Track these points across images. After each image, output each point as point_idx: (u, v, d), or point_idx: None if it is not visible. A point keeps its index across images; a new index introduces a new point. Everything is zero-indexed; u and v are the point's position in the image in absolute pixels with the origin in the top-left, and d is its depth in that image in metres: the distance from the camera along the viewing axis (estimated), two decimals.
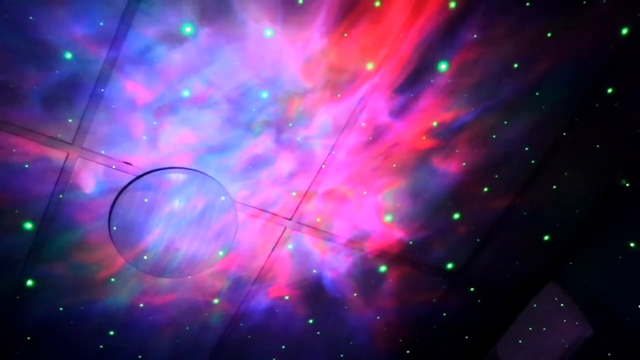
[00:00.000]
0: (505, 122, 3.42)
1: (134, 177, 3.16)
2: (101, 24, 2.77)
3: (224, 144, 3.20)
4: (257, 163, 3.29)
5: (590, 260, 3.77)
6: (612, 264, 3.61)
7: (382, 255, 3.70)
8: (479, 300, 3.97)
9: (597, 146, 3.59)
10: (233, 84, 3.04)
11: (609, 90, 3.44)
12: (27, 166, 3.01)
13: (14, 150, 2.96)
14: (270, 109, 3.15)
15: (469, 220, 3.70)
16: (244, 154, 3.25)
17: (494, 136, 3.45)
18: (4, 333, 3.45)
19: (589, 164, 3.65)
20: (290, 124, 3.21)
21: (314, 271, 3.68)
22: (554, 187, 3.68)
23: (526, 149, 3.54)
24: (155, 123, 3.06)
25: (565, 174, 3.66)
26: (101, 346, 3.62)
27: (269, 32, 2.94)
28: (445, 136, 3.40)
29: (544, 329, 3.65)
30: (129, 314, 3.56)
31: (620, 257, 3.54)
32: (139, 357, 3.73)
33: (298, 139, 3.26)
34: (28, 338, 3.49)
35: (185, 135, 3.13)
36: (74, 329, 3.53)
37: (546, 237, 3.83)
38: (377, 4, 2.97)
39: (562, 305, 3.63)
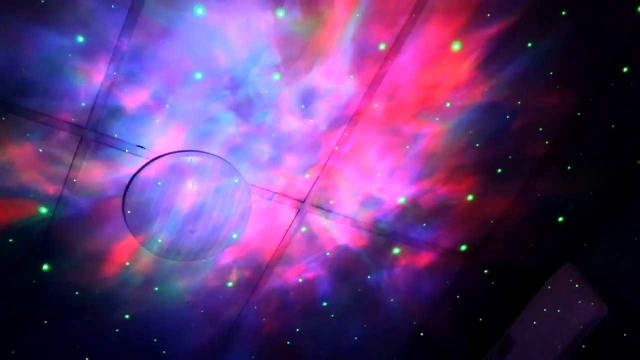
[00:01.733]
0: (519, 103, 3.39)
1: (148, 160, 3.17)
2: (113, 6, 2.77)
3: (237, 129, 3.20)
4: (270, 146, 3.29)
5: (606, 241, 3.74)
6: (627, 244, 3.59)
7: (396, 237, 3.69)
8: (493, 282, 3.96)
9: (612, 126, 3.55)
10: (242, 65, 3.03)
11: (625, 70, 3.40)
12: (41, 150, 3.02)
13: (28, 135, 2.97)
14: (281, 91, 3.14)
15: (483, 202, 3.68)
16: (255, 136, 3.24)
17: (508, 117, 3.42)
18: (21, 317, 3.48)
19: (604, 144, 3.62)
20: (302, 106, 3.20)
21: (328, 254, 3.68)
22: (569, 168, 3.65)
23: (540, 129, 3.51)
24: (168, 106, 3.06)
25: (580, 154, 3.62)
26: (117, 330, 3.64)
27: (281, 14, 2.92)
28: (457, 116, 3.37)
29: (559, 310, 3.64)
30: (144, 297, 3.58)
31: (636, 238, 3.52)
32: (155, 340, 3.75)
33: (310, 120, 3.25)
34: (45, 322, 3.52)
35: (198, 118, 3.13)
36: (90, 313, 3.55)
37: (561, 219, 3.80)
38: None
39: (577, 286, 3.61)
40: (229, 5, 2.86)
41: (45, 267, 3.35)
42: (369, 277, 3.80)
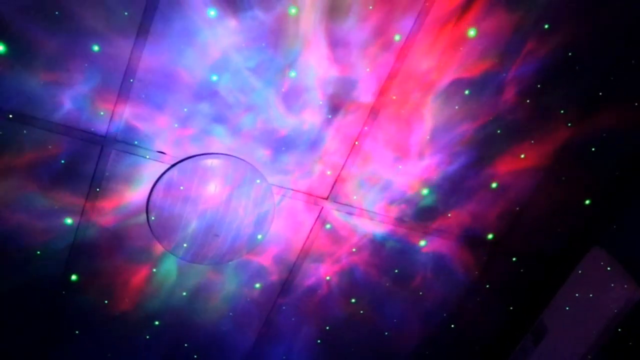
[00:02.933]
0: (539, 86, 3.34)
1: (169, 165, 3.17)
2: (126, 13, 2.77)
3: (257, 128, 3.19)
4: (290, 144, 3.27)
5: (634, 222, 3.68)
6: None
7: (421, 229, 3.66)
8: (521, 270, 3.91)
9: (635, 104, 3.49)
10: (260, 64, 3.02)
11: None
12: (63, 162, 3.03)
13: (50, 147, 2.98)
14: (298, 89, 3.12)
15: (507, 189, 3.64)
16: (276, 135, 3.23)
17: (528, 100, 3.37)
18: (52, 327, 3.51)
19: (627, 123, 3.55)
20: (320, 102, 3.18)
21: (354, 249, 3.65)
22: (592, 149, 3.60)
23: (561, 111, 3.46)
24: (186, 110, 3.05)
25: (604, 135, 3.56)
26: (147, 336, 3.66)
27: (293, 10, 2.90)
28: (479, 103, 3.34)
29: (591, 294, 3.58)
30: (172, 302, 3.58)
31: None
32: (185, 345, 3.76)
33: (329, 116, 3.23)
34: (76, 332, 3.54)
35: (216, 119, 3.12)
36: (120, 320, 3.57)
37: (587, 201, 3.74)
38: None
39: (608, 269, 3.55)
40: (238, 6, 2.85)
41: (74, 277, 3.36)
42: (396, 270, 3.77)
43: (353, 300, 3.82)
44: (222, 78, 3.01)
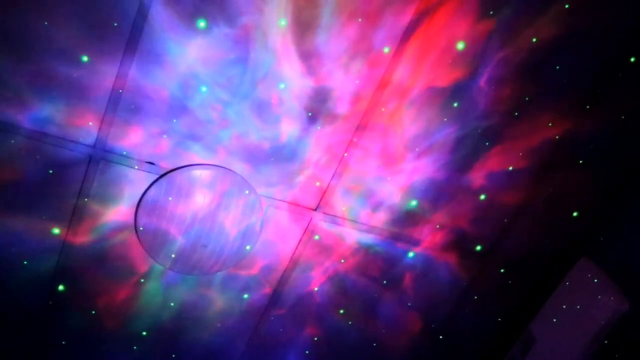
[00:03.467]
0: (527, 99, 3.37)
1: (157, 176, 3.16)
2: (115, 24, 2.77)
3: (246, 138, 3.19)
4: (279, 155, 3.28)
5: (622, 234, 3.70)
6: None
7: (410, 240, 3.67)
8: (510, 281, 3.92)
9: (622, 117, 3.52)
10: (250, 75, 3.03)
11: (632, 59, 3.37)
12: (51, 172, 3.02)
13: (37, 157, 2.97)
14: (290, 99, 3.13)
15: (495, 201, 3.65)
16: (265, 146, 3.24)
17: (516, 113, 3.40)
18: (39, 338, 3.48)
19: (616, 135, 3.58)
20: (310, 114, 3.19)
21: (342, 260, 3.65)
22: (580, 161, 3.62)
23: (549, 124, 3.48)
24: (175, 121, 3.05)
25: (591, 147, 3.59)
26: (135, 347, 3.64)
27: (283, 22, 2.92)
28: (466, 116, 3.35)
29: (579, 306, 3.60)
30: (160, 313, 3.57)
31: None
32: (173, 356, 3.74)
33: (318, 127, 3.24)
34: (63, 342, 3.52)
35: (206, 130, 3.12)
36: (107, 331, 3.55)
37: (575, 213, 3.76)
38: None
39: (595, 280, 3.57)
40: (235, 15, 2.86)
41: (61, 288, 3.34)
42: (384, 282, 3.77)
43: (342, 311, 3.82)
44: (211, 88, 3.01)
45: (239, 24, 2.87)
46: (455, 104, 3.30)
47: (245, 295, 3.64)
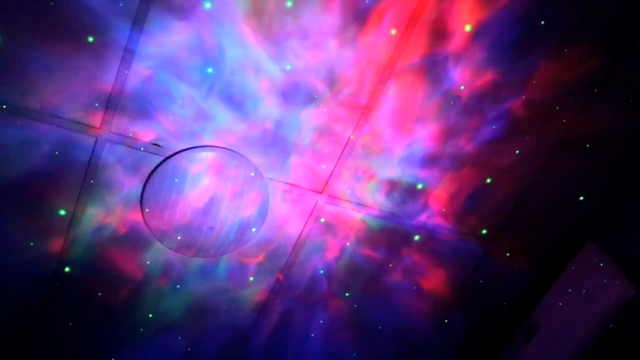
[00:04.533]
0: (534, 82, 3.35)
1: (163, 158, 3.16)
2: (121, 4, 2.76)
3: (253, 120, 3.18)
4: (285, 138, 3.27)
5: (628, 220, 3.69)
6: None
7: (416, 225, 3.67)
8: (515, 265, 3.92)
9: (630, 101, 3.50)
10: (252, 59, 3.02)
11: None
12: (57, 153, 3.02)
13: (43, 138, 2.97)
14: (293, 82, 3.12)
15: (502, 185, 3.64)
16: (272, 128, 3.23)
17: (523, 96, 3.38)
18: (46, 319, 3.50)
19: (623, 121, 3.56)
20: (316, 96, 3.18)
21: (348, 244, 3.66)
22: (587, 145, 3.60)
23: (557, 107, 3.46)
24: (181, 102, 3.04)
25: (598, 132, 3.57)
26: (141, 329, 3.65)
27: (289, 3, 2.90)
28: (472, 99, 3.34)
29: (584, 291, 3.60)
30: (166, 296, 3.58)
31: None
32: (179, 338, 3.76)
33: (325, 110, 3.23)
34: (70, 324, 3.53)
35: (211, 112, 3.11)
36: (114, 313, 3.56)
37: (581, 198, 3.75)
38: None
39: (601, 265, 3.56)
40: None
41: (67, 269, 3.35)
42: (390, 265, 3.77)
43: (347, 294, 3.83)
44: (217, 70, 3.00)
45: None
46: (462, 87, 3.29)
47: (251, 278, 3.65)
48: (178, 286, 3.56)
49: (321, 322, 3.89)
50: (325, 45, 3.05)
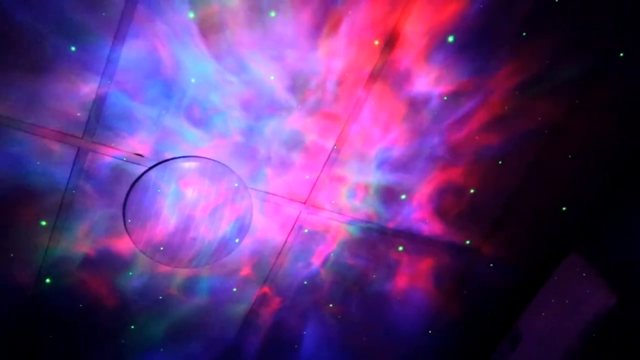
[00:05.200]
0: (516, 92, 3.38)
1: (146, 168, 3.14)
2: (104, 14, 2.75)
3: (236, 131, 3.18)
4: (270, 148, 3.27)
5: (612, 229, 3.72)
6: (634, 231, 3.57)
7: (399, 234, 3.67)
8: (499, 275, 3.93)
9: (611, 112, 3.54)
10: (235, 67, 3.02)
11: (621, 55, 3.38)
12: (38, 163, 3.00)
13: (25, 148, 2.94)
14: (276, 91, 3.12)
15: (485, 195, 3.66)
16: (252, 139, 3.22)
17: (505, 107, 3.41)
18: (26, 331, 3.45)
19: (604, 130, 3.59)
20: (299, 106, 3.18)
21: (332, 254, 3.65)
22: (569, 156, 3.63)
23: (539, 118, 3.49)
24: (164, 112, 3.03)
25: (580, 142, 3.60)
26: (123, 340, 3.61)
27: (272, 13, 2.91)
28: (455, 107, 3.36)
29: (567, 300, 3.61)
30: (148, 307, 3.55)
31: None
32: (161, 350, 3.72)
33: (308, 120, 3.23)
34: (50, 336, 3.49)
35: (194, 122, 3.11)
36: (95, 325, 3.52)
37: (564, 208, 3.78)
38: None
39: (584, 275, 3.58)
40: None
41: (48, 280, 3.32)
42: (373, 275, 3.77)
43: (331, 305, 3.82)
44: (199, 80, 3.00)
45: None
46: (446, 98, 3.31)
47: (235, 289, 3.63)
48: (160, 297, 3.53)
49: (307, 333, 3.87)
50: (297, 55, 3.06)
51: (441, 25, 3.11)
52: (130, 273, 3.40)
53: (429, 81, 3.25)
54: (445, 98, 3.30)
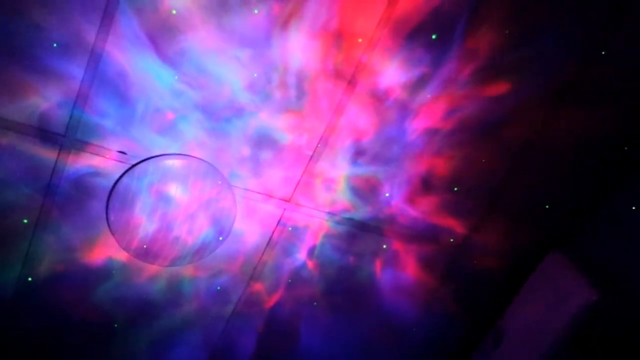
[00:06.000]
0: (510, 85, 3.39)
1: (129, 166, 3.13)
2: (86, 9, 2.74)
3: (219, 127, 3.18)
4: (253, 145, 3.27)
5: (594, 227, 3.76)
6: (616, 229, 3.61)
7: (383, 231, 3.68)
8: (481, 273, 3.95)
9: (596, 108, 3.56)
10: (222, 70, 3.02)
11: (603, 52, 3.42)
12: (21, 160, 2.98)
13: (6, 144, 2.93)
14: (263, 94, 3.13)
15: (468, 193, 3.68)
16: (239, 136, 3.22)
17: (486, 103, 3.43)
18: (8, 332, 3.43)
19: (587, 129, 3.62)
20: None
21: (316, 252, 3.66)
22: (553, 157, 3.66)
23: (522, 121, 3.52)
24: (149, 109, 3.03)
25: (564, 139, 3.63)
26: (107, 350, 3.60)
27: (256, 10, 2.91)
28: (442, 109, 3.38)
29: (550, 296, 3.64)
30: (131, 306, 3.54)
31: (623, 222, 3.55)
32: (146, 357, 3.71)
33: (293, 118, 3.24)
34: (31, 338, 3.46)
35: (177, 120, 3.10)
36: (78, 326, 3.51)
37: (547, 206, 3.81)
38: None
39: (565, 272, 3.62)
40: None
41: (30, 279, 3.29)
42: (359, 273, 3.78)
43: (315, 303, 3.82)
44: (182, 77, 2.99)
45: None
46: (429, 95, 3.32)
47: (219, 288, 3.62)
48: (144, 296, 3.52)
49: (299, 329, 3.88)
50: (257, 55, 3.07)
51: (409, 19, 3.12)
52: (113, 272, 3.39)
53: (396, 73, 3.25)
54: (428, 95, 3.31)
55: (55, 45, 2.76)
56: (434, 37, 3.13)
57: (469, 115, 3.41)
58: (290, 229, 3.55)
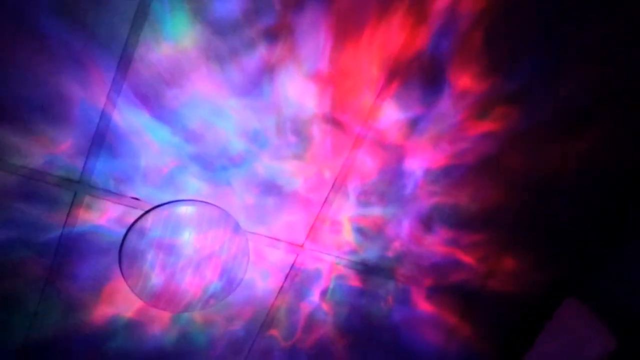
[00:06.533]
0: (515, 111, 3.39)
1: (143, 211, 3.13)
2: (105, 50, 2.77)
3: (230, 173, 3.18)
4: (265, 190, 3.26)
5: (611, 273, 3.70)
6: (632, 274, 3.55)
7: (395, 275, 3.65)
8: (497, 321, 3.89)
9: (599, 144, 3.54)
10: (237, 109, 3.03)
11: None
12: (34, 207, 2.99)
13: (21, 191, 2.94)
14: (274, 137, 3.13)
15: (480, 232, 3.65)
16: (250, 181, 3.22)
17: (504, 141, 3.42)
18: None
19: (594, 166, 3.60)
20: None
21: (329, 295, 3.62)
22: (564, 202, 3.63)
23: (532, 159, 3.50)
24: (165, 158, 3.04)
25: (574, 181, 3.60)
26: None
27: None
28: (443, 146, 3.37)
29: (567, 345, 3.58)
30: (136, 348, 3.51)
31: None
32: None
33: (305, 159, 3.24)
34: None
35: (192, 164, 3.11)
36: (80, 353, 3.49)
37: (562, 250, 3.76)
38: None
39: (582, 320, 3.56)
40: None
41: (36, 338, 3.28)
42: (371, 319, 3.73)
43: (332, 345, 3.77)
44: (193, 125, 3.00)
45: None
46: (444, 140, 3.32)
47: (233, 337, 3.59)
48: (155, 356, 3.49)
49: None
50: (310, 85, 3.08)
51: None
52: (120, 333, 3.37)
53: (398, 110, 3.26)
54: (417, 125, 3.31)
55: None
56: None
57: (472, 151, 3.40)
58: (302, 273, 3.52)
